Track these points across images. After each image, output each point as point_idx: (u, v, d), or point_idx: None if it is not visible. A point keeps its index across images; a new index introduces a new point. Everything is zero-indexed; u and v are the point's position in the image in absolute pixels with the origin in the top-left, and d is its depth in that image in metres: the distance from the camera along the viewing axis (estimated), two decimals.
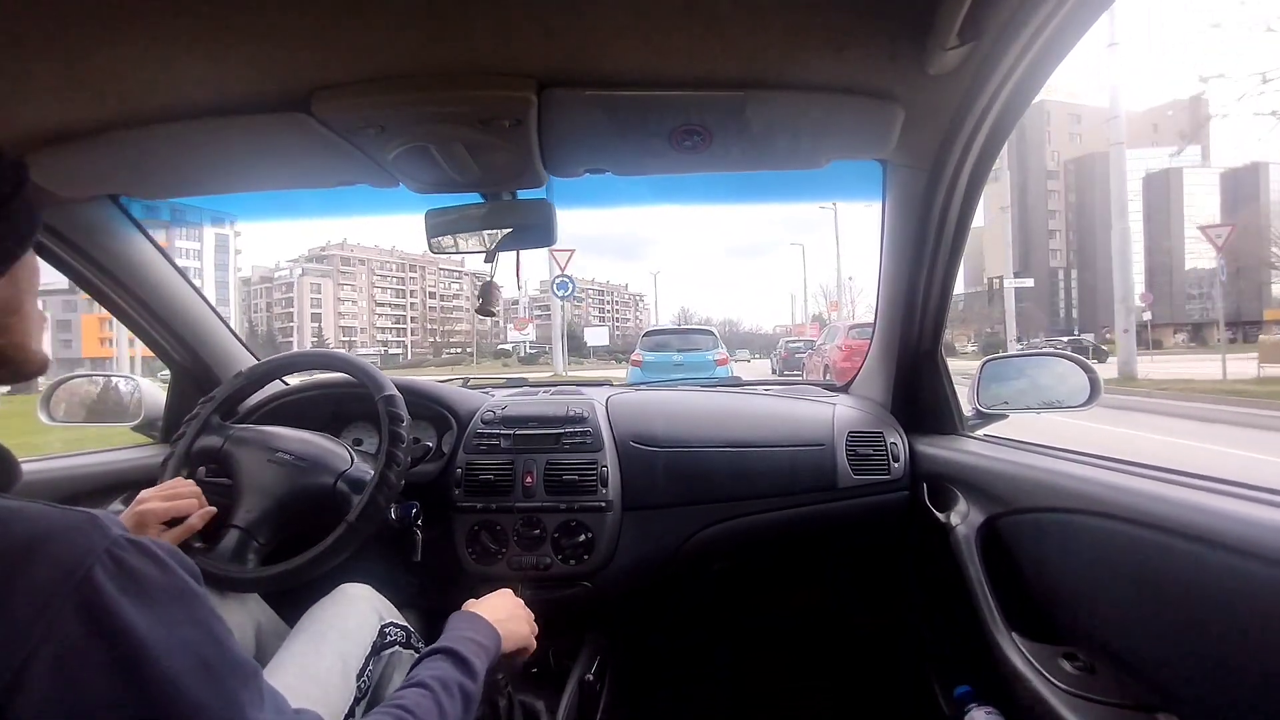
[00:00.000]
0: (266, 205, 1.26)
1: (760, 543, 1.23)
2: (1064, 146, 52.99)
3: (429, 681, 0.61)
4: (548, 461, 1.19)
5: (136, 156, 0.91)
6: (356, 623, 0.82)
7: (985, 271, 55.25)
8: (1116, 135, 11.08)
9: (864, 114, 0.83)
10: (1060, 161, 52.90)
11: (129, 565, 0.38)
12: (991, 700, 0.95)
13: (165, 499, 0.85)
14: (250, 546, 0.90)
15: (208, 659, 0.39)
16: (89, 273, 1.15)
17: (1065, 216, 52.88)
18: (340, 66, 0.73)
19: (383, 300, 61.37)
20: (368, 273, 60.78)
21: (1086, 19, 0.63)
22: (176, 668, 0.37)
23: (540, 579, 1.14)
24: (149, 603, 0.37)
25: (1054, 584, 0.84)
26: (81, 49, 0.67)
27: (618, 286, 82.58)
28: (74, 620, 0.34)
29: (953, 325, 29.03)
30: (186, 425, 1.03)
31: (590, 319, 73.91)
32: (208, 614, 0.41)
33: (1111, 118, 11.41)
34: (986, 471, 0.97)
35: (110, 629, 0.35)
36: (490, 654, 0.71)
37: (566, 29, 0.67)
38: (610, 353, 39.18)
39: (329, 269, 58.35)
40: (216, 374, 1.34)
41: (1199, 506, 0.60)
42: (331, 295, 56.66)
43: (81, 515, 0.38)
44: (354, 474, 1.00)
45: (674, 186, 1.16)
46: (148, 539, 0.40)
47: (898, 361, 1.26)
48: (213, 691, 0.38)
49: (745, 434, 1.24)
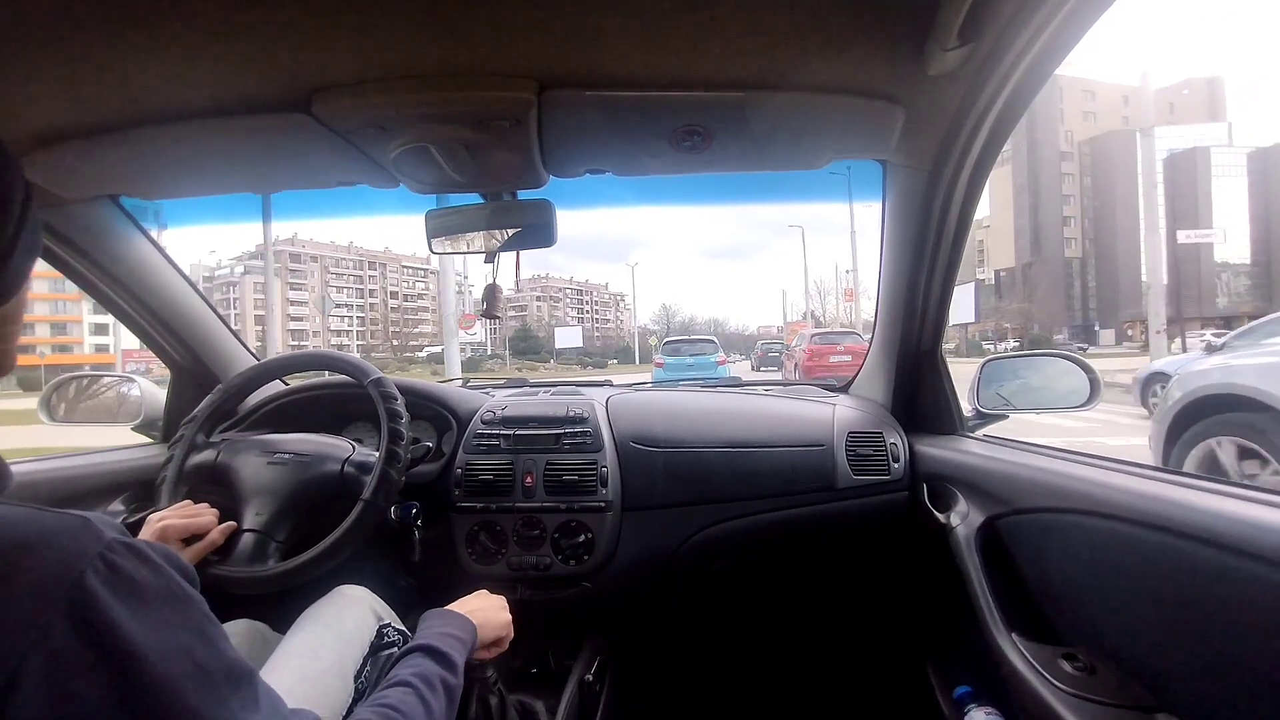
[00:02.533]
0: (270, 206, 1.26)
1: (760, 543, 1.23)
2: (1078, 126, 49.21)
3: (410, 679, 0.62)
4: (548, 462, 1.19)
5: (137, 157, 0.91)
6: (354, 623, 0.82)
7: (989, 265, 52.91)
8: (1144, 118, 10.05)
9: (864, 114, 0.84)
10: (1074, 142, 49.01)
11: (122, 569, 0.37)
12: (991, 701, 0.95)
13: (182, 516, 0.86)
14: (269, 546, 0.90)
15: (202, 663, 0.39)
16: (89, 273, 1.15)
17: (1080, 202, 49.22)
18: (341, 67, 0.73)
19: (339, 301, 54.99)
20: (321, 270, 55.27)
21: (1086, 19, 0.63)
22: (170, 672, 0.37)
23: (540, 579, 1.14)
24: (142, 606, 0.37)
25: (1054, 584, 0.84)
26: (82, 49, 0.67)
27: (597, 286, 78.76)
28: (66, 625, 0.34)
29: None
30: (172, 449, 1.03)
31: (568, 319, 68.62)
32: (201, 617, 0.41)
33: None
34: (986, 472, 0.97)
35: (103, 633, 0.35)
36: (467, 645, 0.72)
37: (567, 29, 0.67)
38: (584, 357, 34.23)
39: (276, 267, 51.55)
40: (216, 374, 1.34)
41: (1199, 507, 0.60)
42: (280, 295, 50.16)
43: (74, 518, 0.38)
44: (359, 458, 1.01)
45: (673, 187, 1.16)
46: (141, 541, 0.40)
47: (898, 362, 1.26)
48: (207, 696, 0.38)
49: (745, 434, 1.24)
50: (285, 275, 51.47)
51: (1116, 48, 69.72)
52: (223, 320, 1.39)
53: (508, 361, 36.28)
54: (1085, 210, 49.25)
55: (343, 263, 57.74)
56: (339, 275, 57.25)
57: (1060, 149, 48.98)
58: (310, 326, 52.07)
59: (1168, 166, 41.90)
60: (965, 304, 18.85)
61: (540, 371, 23.47)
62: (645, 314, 61.63)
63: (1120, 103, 48.38)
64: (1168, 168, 41.90)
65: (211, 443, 1.04)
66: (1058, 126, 48.94)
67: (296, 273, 53.51)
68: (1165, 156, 41.90)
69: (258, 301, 48.92)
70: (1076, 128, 49.27)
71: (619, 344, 52.34)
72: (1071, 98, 49.39)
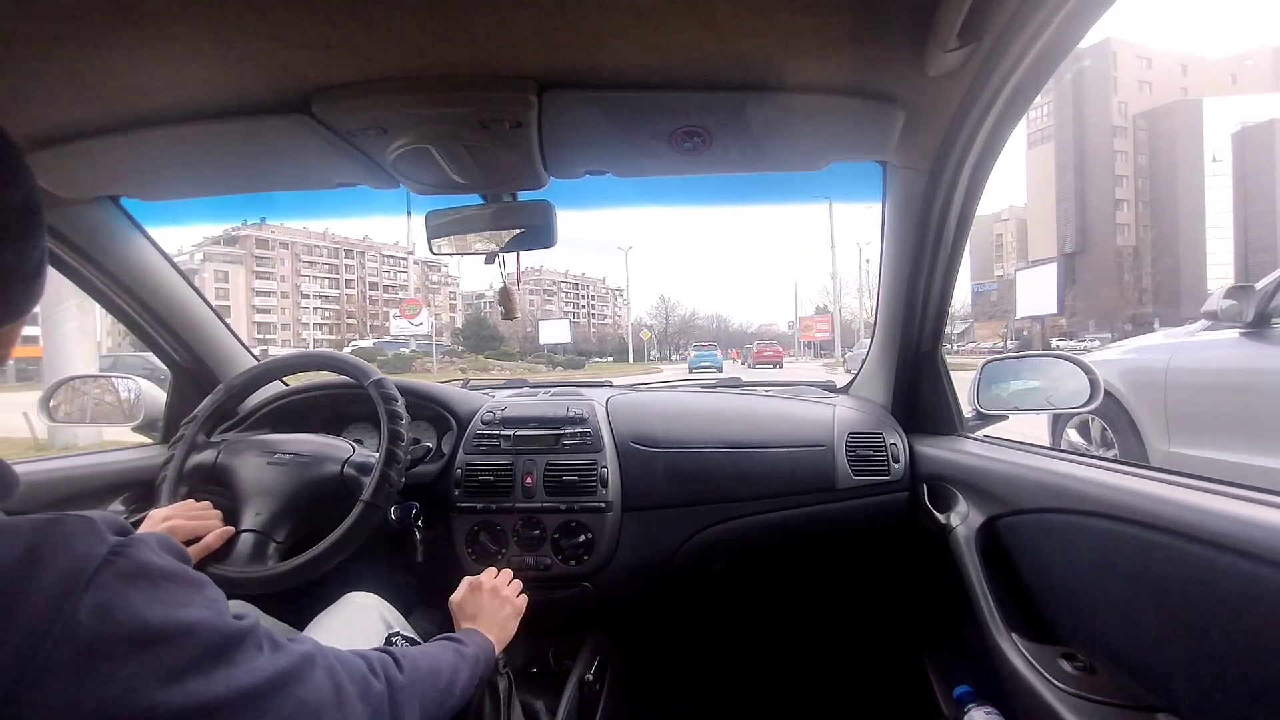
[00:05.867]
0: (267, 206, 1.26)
1: (760, 544, 1.23)
2: (1132, 97, 42.24)
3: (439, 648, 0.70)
4: (548, 462, 1.19)
5: (137, 158, 0.91)
6: (363, 630, 0.83)
7: (1006, 263, 47.77)
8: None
9: (864, 115, 0.84)
10: (1129, 116, 42.04)
11: (131, 558, 0.39)
12: (991, 701, 0.95)
13: (188, 517, 0.86)
14: (268, 546, 0.90)
15: (219, 631, 0.41)
16: (90, 274, 1.15)
17: (1135, 183, 42.31)
18: (341, 68, 0.73)
19: (311, 291, 50.94)
20: (292, 258, 50.25)
21: (1087, 20, 0.63)
22: (195, 644, 0.39)
23: (540, 579, 1.14)
24: (156, 591, 0.39)
25: (1054, 584, 0.84)
26: (82, 50, 0.67)
27: (594, 280, 74.58)
28: (90, 618, 0.35)
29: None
30: (173, 448, 1.03)
31: (562, 314, 63.27)
32: (209, 593, 0.43)
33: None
34: (986, 472, 0.97)
35: (126, 620, 0.37)
36: (484, 663, 0.76)
37: (567, 30, 0.67)
38: (553, 355, 28.43)
39: (241, 253, 47.53)
40: (217, 375, 1.34)
41: (1200, 507, 0.60)
42: (244, 285, 46.95)
43: (80, 520, 0.39)
44: (359, 459, 1.01)
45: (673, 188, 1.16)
46: (140, 534, 0.42)
47: (898, 362, 1.26)
48: (226, 660, 0.41)
49: (745, 435, 1.24)
50: (251, 263, 48.17)
51: (1168, 13, 59.14)
52: (223, 321, 1.39)
53: (463, 357, 30.09)
54: (1140, 193, 42.43)
55: (316, 250, 52.71)
56: (312, 264, 52.29)
57: (1113, 123, 42.11)
58: (279, 319, 48.75)
59: (1237, 142, 37.90)
60: (1043, 292, 14.00)
61: (494, 372, 19.21)
62: (643, 307, 59.57)
63: (1178, 72, 42.66)
64: (1237, 144, 37.90)
65: (212, 442, 1.04)
66: (1110, 97, 42.26)
67: (264, 260, 49.06)
68: (1235, 131, 37.89)
69: (220, 291, 44.90)
70: (1131, 99, 42.41)
71: (617, 341, 48.98)
72: (1126, 64, 42.45)
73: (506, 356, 28.75)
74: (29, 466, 1.12)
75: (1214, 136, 38.91)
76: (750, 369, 18.92)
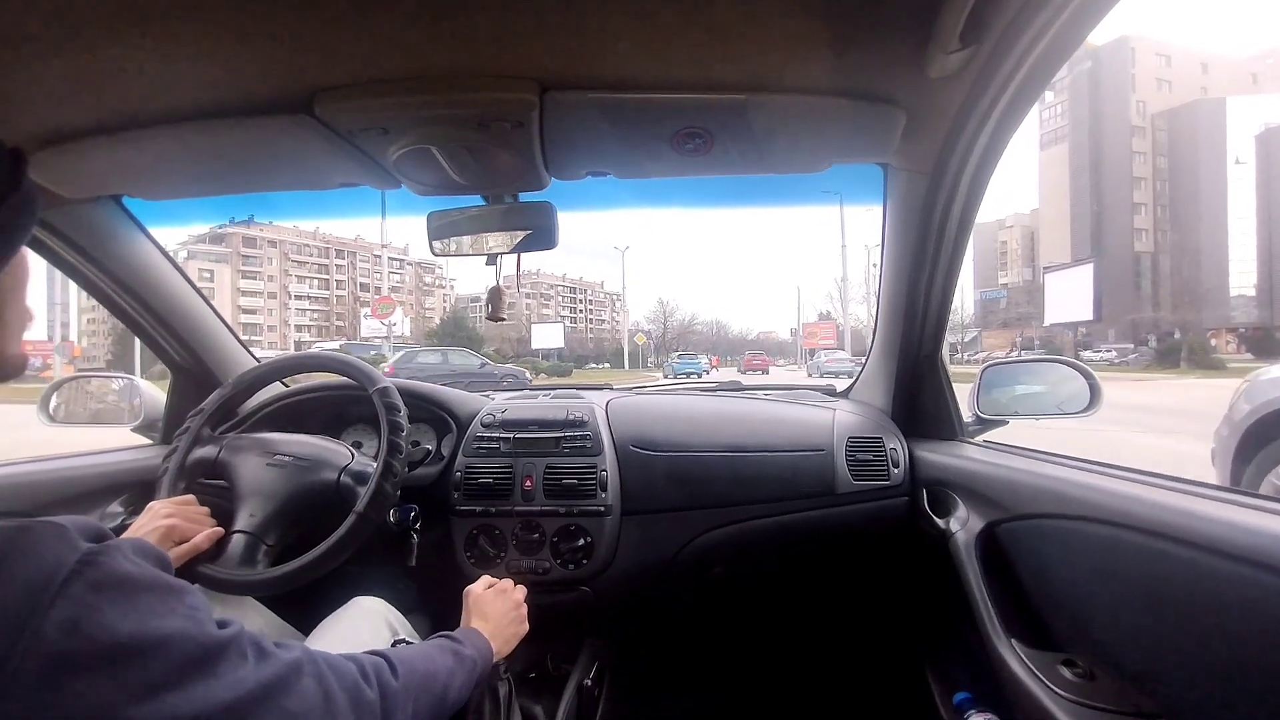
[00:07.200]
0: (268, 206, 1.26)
1: (759, 548, 1.23)
2: (1151, 96, 39.97)
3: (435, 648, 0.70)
4: (547, 465, 1.19)
5: (139, 157, 0.91)
6: (369, 635, 0.83)
7: (1011, 270, 46.64)
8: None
9: (865, 118, 0.83)
10: (1147, 115, 39.85)
11: (103, 568, 0.37)
12: (991, 707, 0.94)
13: (188, 519, 0.86)
14: (259, 549, 0.90)
15: (199, 643, 0.40)
16: (91, 273, 1.15)
17: (1153, 186, 39.98)
18: (343, 68, 0.73)
19: (300, 292, 48.65)
20: (280, 258, 47.74)
21: (1089, 21, 0.63)
22: (169, 660, 0.37)
23: (539, 583, 1.14)
24: (129, 601, 0.37)
25: (1054, 590, 0.83)
26: (84, 49, 0.67)
27: (592, 284, 71.30)
28: (57, 632, 0.34)
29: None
30: (178, 440, 1.03)
31: (558, 318, 59.81)
32: (187, 601, 0.41)
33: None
34: (986, 477, 0.97)
35: (96, 634, 0.35)
36: (481, 665, 0.75)
37: (569, 32, 0.68)
38: (563, 360, 27.04)
39: (227, 251, 45.35)
40: (217, 375, 1.34)
41: (1200, 514, 0.60)
42: (230, 285, 44.75)
43: (50, 526, 0.38)
44: (356, 468, 1.00)
45: (674, 190, 1.16)
46: (115, 540, 0.40)
47: (898, 367, 1.25)
48: (206, 673, 0.39)
49: (745, 439, 1.24)
50: (237, 262, 46.06)
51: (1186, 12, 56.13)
52: (224, 321, 1.39)
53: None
54: (1158, 196, 40.05)
55: (306, 249, 50.15)
56: (301, 264, 49.65)
57: (1131, 123, 39.85)
58: (265, 320, 46.38)
59: (1261, 144, 36.21)
60: (1076, 296, 11.38)
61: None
62: (641, 312, 58.62)
63: (1199, 70, 40.97)
64: (1261, 145, 36.21)
65: (215, 438, 1.04)
66: (1128, 95, 40.00)
67: (250, 259, 46.79)
68: (1259, 132, 36.23)
69: (204, 291, 41.72)
70: (1150, 98, 39.93)
71: (614, 347, 47.02)
72: (1145, 62, 40.06)
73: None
74: (29, 467, 1.12)
75: (1237, 137, 37.55)
76: (740, 374, 20.31)
